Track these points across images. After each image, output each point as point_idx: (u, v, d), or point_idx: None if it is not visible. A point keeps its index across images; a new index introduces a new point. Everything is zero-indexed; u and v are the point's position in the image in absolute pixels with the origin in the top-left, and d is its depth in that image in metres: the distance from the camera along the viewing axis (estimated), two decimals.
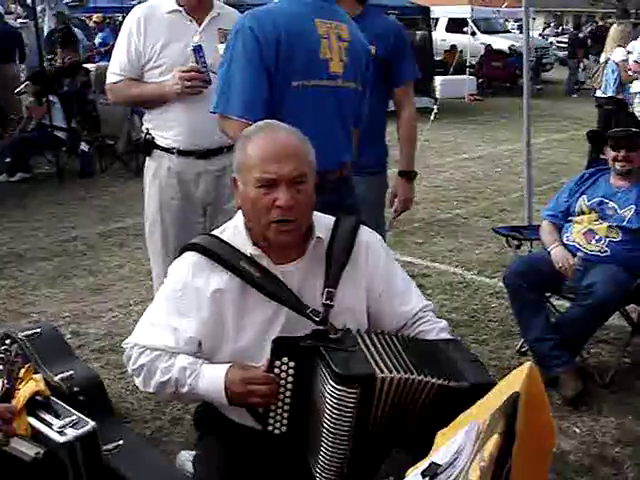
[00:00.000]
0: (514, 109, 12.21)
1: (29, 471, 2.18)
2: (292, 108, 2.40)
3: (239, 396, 1.79)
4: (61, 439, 2.22)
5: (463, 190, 7.83)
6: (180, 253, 1.96)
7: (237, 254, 1.87)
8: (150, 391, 1.92)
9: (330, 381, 1.65)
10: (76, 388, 2.71)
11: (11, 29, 10.49)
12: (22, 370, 2.37)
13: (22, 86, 9.08)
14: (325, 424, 1.67)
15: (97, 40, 13.94)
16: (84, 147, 8.51)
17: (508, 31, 21.81)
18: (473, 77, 16.94)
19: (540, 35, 28.15)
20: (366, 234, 2.01)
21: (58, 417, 2.31)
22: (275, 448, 1.82)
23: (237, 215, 1.96)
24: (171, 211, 3.06)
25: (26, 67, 10.65)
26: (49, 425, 2.27)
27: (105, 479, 2.38)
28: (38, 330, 2.93)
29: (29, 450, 2.18)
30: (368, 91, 2.72)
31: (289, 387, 1.77)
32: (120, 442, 2.55)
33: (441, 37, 19.15)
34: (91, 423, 2.30)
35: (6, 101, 9.35)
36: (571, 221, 3.66)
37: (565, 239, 3.63)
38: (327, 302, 1.86)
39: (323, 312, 1.85)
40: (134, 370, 1.91)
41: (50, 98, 8.25)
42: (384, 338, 1.80)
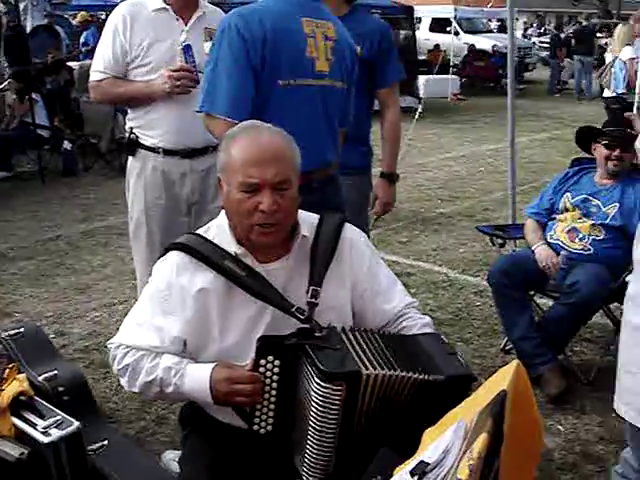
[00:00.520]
0: (497, 109, 12.32)
1: (13, 472, 2.16)
2: (278, 107, 2.40)
3: (224, 395, 1.79)
4: (45, 439, 2.19)
5: (447, 189, 7.86)
6: (164, 252, 1.95)
7: (221, 253, 1.87)
8: (135, 391, 1.91)
9: (316, 379, 1.65)
10: (60, 388, 2.68)
11: None
12: (6, 370, 2.36)
13: (5, 83, 9.01)
14: (311, 422, 1.67)
15: (82, 39, 13.83)
16: (67, 146, 8.48)
17: (491, 31, 21.92)
18: (456, 77, 16.98)
19: (523, 35, 28.31)
20: (350, 232, 2.01)
21: (42, 417, 2.28)
22: (261, 447, 1.82)
23: (221, 214, 1.96)
24: (156, 211, 3.04)
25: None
26: (33, 425, 2.25)
27: (90, 479, 2.36)
28: (21, 330, 2.90)
29: (13, 451, 2.16)
30: (354, 90, 2.72)
31: (274, 386, 1.77)
32: (105, 442, 2.53)
33: (424, 37, 19.22)
34: (75, 423, 2.28)
35: None
36: (555, 219, 3.68)
37: (549, 237, 3.64)
38: (312, 300, 1.86)
39: (308, 310, 1.84)
40: (119, 370, 1.90)
41: (33, 96, 8.20)
42: (367, 335, 1.81)
